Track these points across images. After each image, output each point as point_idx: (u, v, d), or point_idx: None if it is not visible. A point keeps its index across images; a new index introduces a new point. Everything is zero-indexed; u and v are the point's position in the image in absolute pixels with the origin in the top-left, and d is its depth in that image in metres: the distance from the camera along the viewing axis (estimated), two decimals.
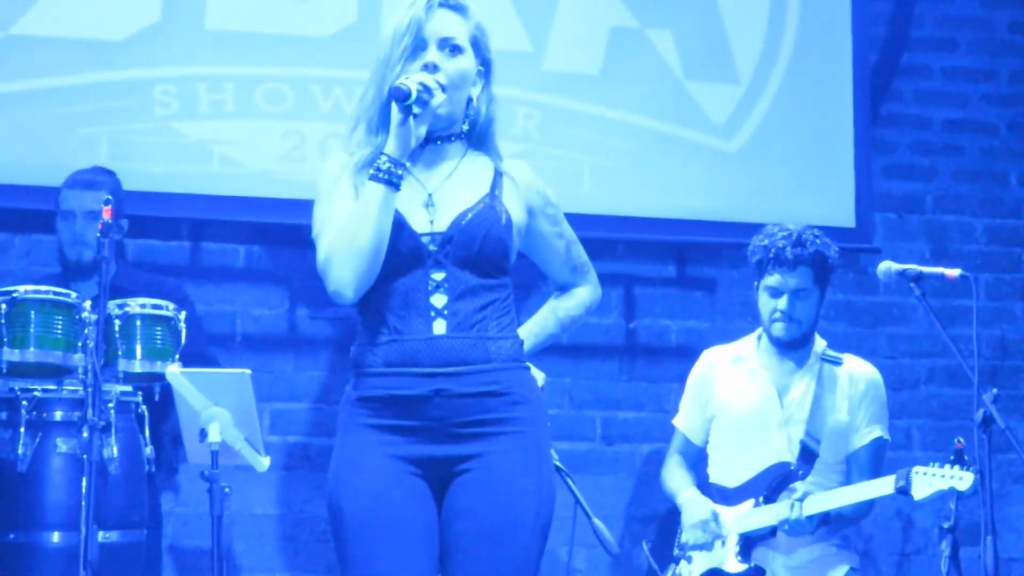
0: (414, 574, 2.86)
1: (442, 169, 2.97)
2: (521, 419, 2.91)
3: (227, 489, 3.78)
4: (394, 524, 2.86)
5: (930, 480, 4.02)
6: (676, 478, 4.40)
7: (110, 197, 3.97)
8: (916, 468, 4.04)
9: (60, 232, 4.49)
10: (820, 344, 4.40)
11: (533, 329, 3.09)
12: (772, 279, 4.28)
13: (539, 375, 2.99)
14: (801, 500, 4.05)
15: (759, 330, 4.44)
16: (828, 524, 4.18)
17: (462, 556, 2.87)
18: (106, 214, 3.99)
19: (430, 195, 2.94)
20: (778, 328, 4.29)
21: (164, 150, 5.02)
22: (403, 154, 2.78)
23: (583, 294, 3.17)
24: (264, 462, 3.78)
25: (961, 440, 4.28)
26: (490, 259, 2.90)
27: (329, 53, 5.03)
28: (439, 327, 2.87)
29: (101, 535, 3.82)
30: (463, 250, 2.89)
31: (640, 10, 5.41)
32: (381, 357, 2.89)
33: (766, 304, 4.31)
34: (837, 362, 4.38)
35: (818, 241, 4.28)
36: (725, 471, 4.33)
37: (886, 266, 4.25)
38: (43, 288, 4.04)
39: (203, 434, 3.77)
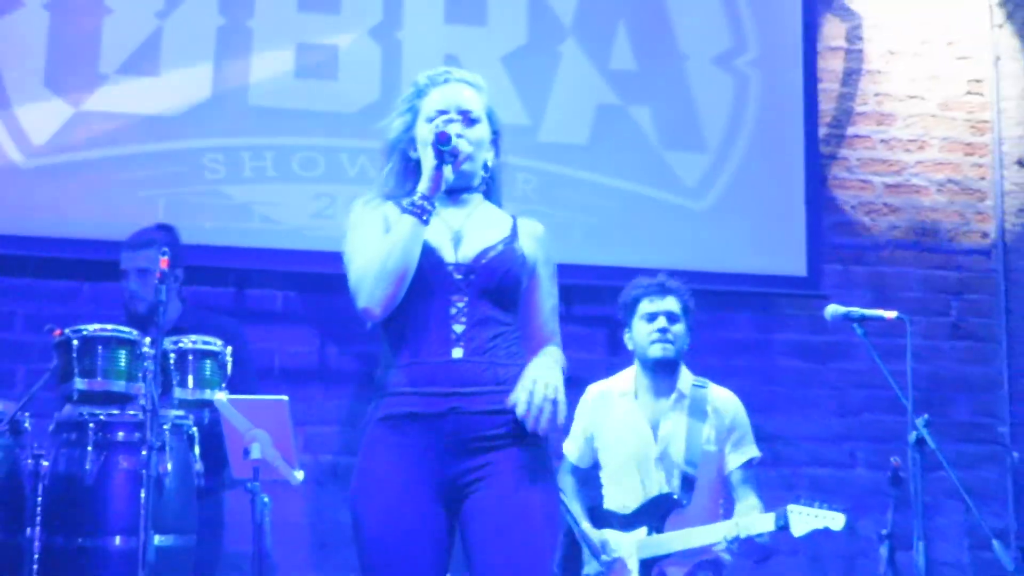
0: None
1: (464, 212, 2.99)
2: (525, 433, 2.92)
3: (266, 500, 3.81)
4: (407, 538, 2.85)
5: (806, 520, 3.99)
6: (574, 504, 4.36)
7: (166, 248, 4.01)
8: (791, 507, 4.01)
9: (122, 288, 4.52)
10: (688, 377, 4.36)
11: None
12: (646, 306, 4.28)
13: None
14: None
15: (634, 365, 4.38)
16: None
17: (484, 552, 2.88)
18: (163, 264, 4.05)
19: (457, 231, 2.96)
20: (656, 349, 4.23)
21: (213, 210, 5.05)
22: (433, 193, 2.77)
23: (557, 352, 3.04)
24: (298, 476, 3.78)
25: (897, 459, 4.31)
26: (506, 293, 2.93)
27: (355, 126, 5.01)
28: (457, 352, 2.88)
29: (157, 539, 3.85)
30: (485, 281, 2.91)
31: (622, 90, 5.45)
32: (405, 378, 2.90)
33: (643, 330, 4.28)
34: (703, 386, 4.36)
35: (679, 282, 4.33)
36: (616, 499, 4.28)
37: (833, 309, 4.29)
38: (108, 327, 4.06)
39: (246, 452, 3.78)
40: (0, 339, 4.95)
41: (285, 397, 3.88)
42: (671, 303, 4.27)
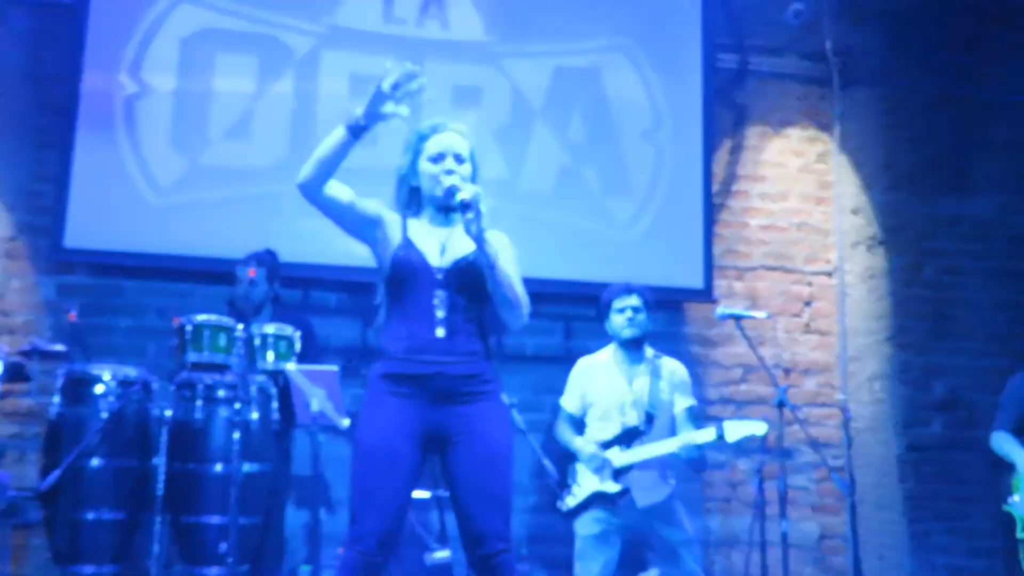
0: (394, 492, 2.88)
1: (449, 229, 3.02)
2: (489, 392, 2.96)
3: (322, 439, 3.83)
4: (390, 457, 2.88)
5: (738, 429, 4.13)
6: (567, 433, 4.43)
7: (255, 266, 4.07)
8: (725, 422, 4.18)
9: (234, 289, 4.51)
10: (650, 351, 4.46)
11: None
12: (617, 303, 4.41)
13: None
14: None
15: (612, 344, 4.47)
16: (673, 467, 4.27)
17: (464, 479, 2.90)
18: (251, 273, 4.07)
19: (443, 243, 2.99)
20: (628, 331, 4.39)
21: (288, 236, 4.98)
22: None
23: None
24: (344, 423, 3.83)
25: (765, 417, 4.33)
26: (474, 289, 2.95)
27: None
28: (440, 331, 2.91)
29: (245, 466, 3.87)
30: (458, 281, 2.94)
31: (575, 155, 5.50)
32: (402, 348, 2.92)
33: (617, 319, 4.41)
34: (659, 357, 4.46)
35: (638, 288, 4.46)
36: (599, 431, 4.35)
37: (721, 310, 4.40)
38: (212, 316, 4.13)
39: (308, 405, 3.80)
40: (136, 324, 4.96)
41: (336, 367, 3.92)
42: (635, 300, 4.41)
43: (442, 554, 4.35)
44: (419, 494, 4.29)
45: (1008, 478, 4.26)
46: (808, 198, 5.81)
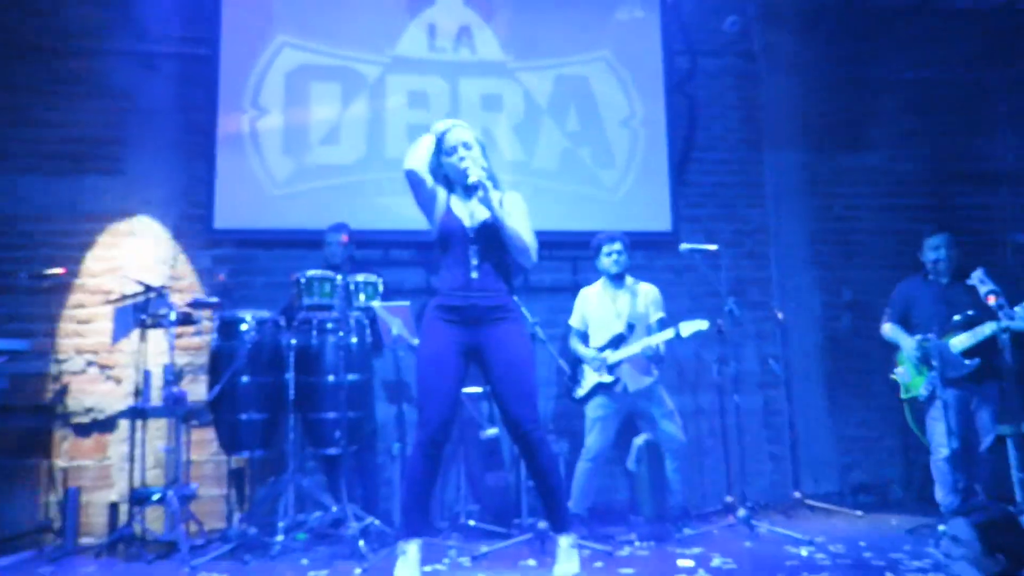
0: (448, 389, 2.96)
1: (474, 200, 3.04)
2: (511, 317, 3.00)
3: (401, 354, 3.88)
4: (442, 364, 2.96)
5: (688, 327, 4.13)
6: (576, 344, 4.42)
7: (347, 234, 4.10)
8: (680, 323, 4.16)
9: (325, 250, 4.55)
10: (630, 280, 4.43)
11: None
12: (607, 248, 4.38)
13: None
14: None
15: (602, 279, 4.45)
16: (651, 359, 4.26)
17: (505, 382, 2.95)
18: (344, 239, 4.09)
19: (471, 211, 3.03)
20: (613, 268, 4.38)
21: (370, 211, 5.05)
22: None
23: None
24: (415, 342, 3.87)
25: (721, 320, 4.32)
26: (496, 243, 2.98)
27: None
28: (474, 275, 2.95)
29: (349, 376, 3.92)
30: (485, 238, 2.97)
31: (573, 140, 5.44)
32: (448, 288, 2.97)
33: (606, 260, 4.39)
34: (637, 283, 4.44)
35: (615, 234, 4.42)
36: (597, 340, 4.36)
37: (684, 246, 4.35)
38: (319, 271, 4.16)
39: (390, 331, 3.84)
40: (268, 281, 5.02)
41: (408, 303, 3.96)
42: (618, 245, 4.39)
43: (491, 431, 4.42)
44: (473, 389, 4.36)
45: (895, 356, 4.25)
46: (746, 161, 5.72)
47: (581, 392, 4.30)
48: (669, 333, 4.15)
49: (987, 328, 3.87)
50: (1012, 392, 3.80)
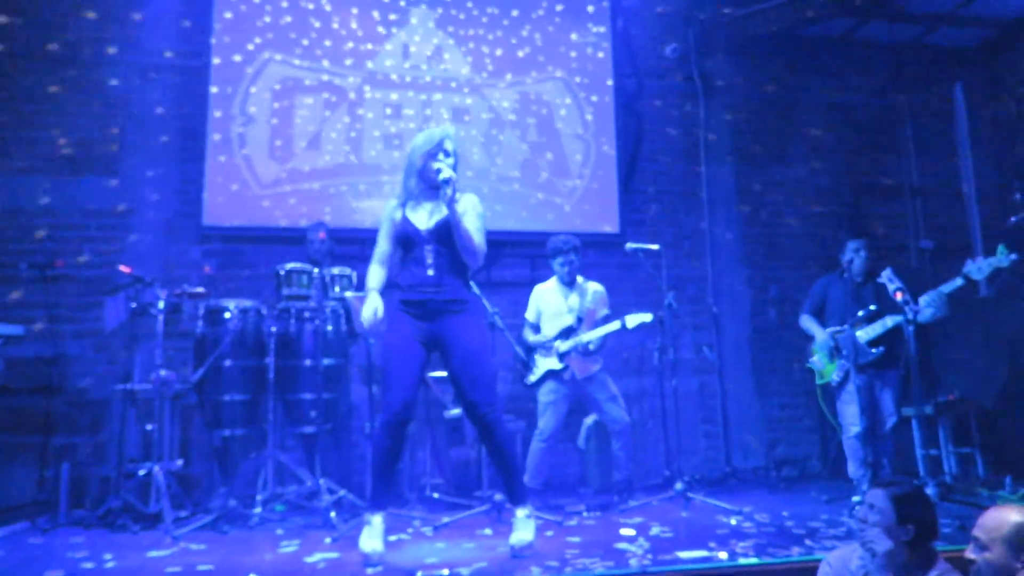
0: (410, 375, 2.83)
1: (435, 202, 2.91)
2: (470, 310, 2.88)
3: (372, 341, 3.73)
4: (405, 352, 2.83)
5: (633, 319, 4.00)
6: (529, 334, 4.23)
7: (324, 232, 3.93)
8: (626, 315, 4.00)
9: (307, 246, 4.37)
10: (580, 279, 4.24)
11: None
12: (560, 259, 4.16)
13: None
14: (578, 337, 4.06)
15: (555, 276, 4.25)
16: (596, 351, 4.11)
17: (463, 368, 2.83)
18: (322, 235, 3.92)
19: (431, 211, 2.90)
20: (566, 276, 4.17)
21: (344, 212, 4.87)
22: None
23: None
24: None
25: (662, 313, 4.23)
26: (452, 241, 2.85)
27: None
28: (430, 272, 2.82)
29: (324, 360, 3.77)
30: (438, 236, 2.85)
31: (533, 150, 5.32)
32: (407, 283, 2.84)
33: (559, 269, 4.17)
34: (586, 282, 4.25)
35: (575, 241, 4.20)
36: (549, 330, 4.17)
37: (630, 245, 4.24)
38: (298, 264, 4.00)
39: (358, 318, 3.69)
40: (252, 273, 4.83)
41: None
42: (572, 256, 4.17)
43: (455, 411, 4.30)
44: (439, 374, 4.22)
45: (810, 346, 4.19)
46: (685, 172, 5.65)
47: (533, 378, 4.17)
48: (616, 325, 4.03)
49: (890, 320, 3.84)
50: (916, 378, 3.76)
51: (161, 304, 3.80)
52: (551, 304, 4.24)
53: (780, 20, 5.53)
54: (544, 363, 4.12)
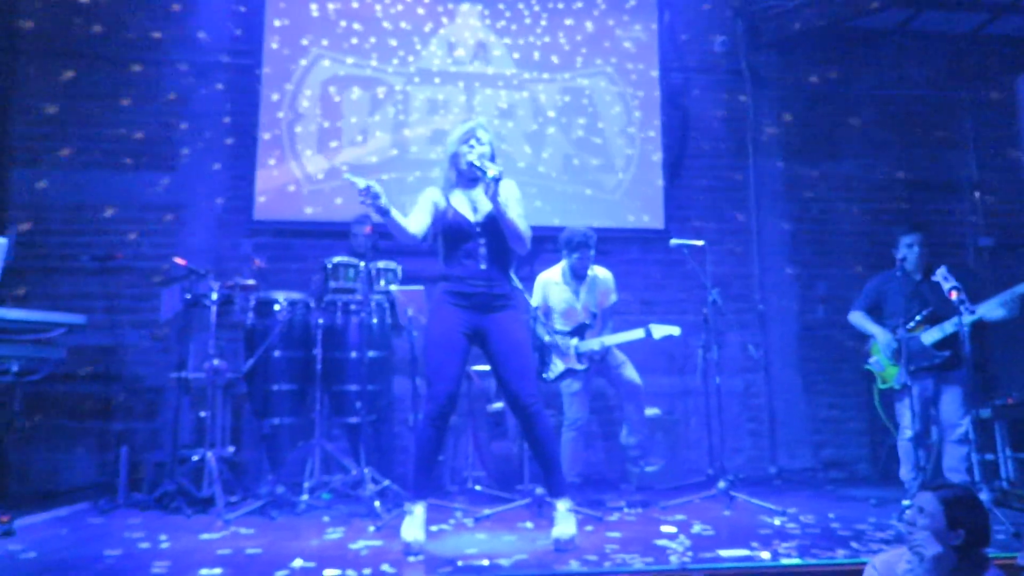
0: (454, 367, 2.84)
1: (476, 192, 2.93)
2: (514, 304, 2.89)
3: (415, 334, 3.77)
4: (450, 344, 2.85)
5: (660, 330, 3.91)
6: (541, 330, 4.10)
7: (372, 225, 3.98)
8: (651, 325, 3.91)
9: (351, 240, 4.44)
10: (591, 269, 4.17)
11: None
12: (576, 253, 4.09)
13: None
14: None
15: (564, 263, 4.17)
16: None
17: (507, 361, 2.84)
18: (367, 229, 3.98)
19: (474, 203, 2.91)
20: (580, 268, 4.12)
21: (396, 207, 4.92)
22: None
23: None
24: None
25: (706, 310, 4.18)
26: (500, 235, 2.87)
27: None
28: (483, 265, 2.84)
29: (370, 352, 3.83)
30: (489, 230, 2.85)
31: (577, 148, 5.30)
32: (457, 275, 2.86)
33: (577, 261, 4.10)
34: (593, 271, 4.17)
35: (594, 234, 4.12)
36: (559, 326, 4.13)
37: (674, 241, 4.18)
38: (344, 258, 4.08)
39: (406, 312, 3.75)
40: (301, 266, 4.94)
41: (422, 287, 3.85)
42: (590, 252, 4.12)
43: (498, 405, 4.33)
44: (482, 367, 4.24)
45: (866, 347, 4.08)
46: (732, 167, 5.57)
47: (551, 376, 4.11)
48: (640, 333, 3.94)
49: (954, 322, 3.70)
50: (972, 380, 3.64)
51: (214, 296, 3.91)
52: (561, 299, 4.18)
53: (830, 11, 5.39)
54: (562, 362, 4.09)
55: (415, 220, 2.91)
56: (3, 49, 4.72)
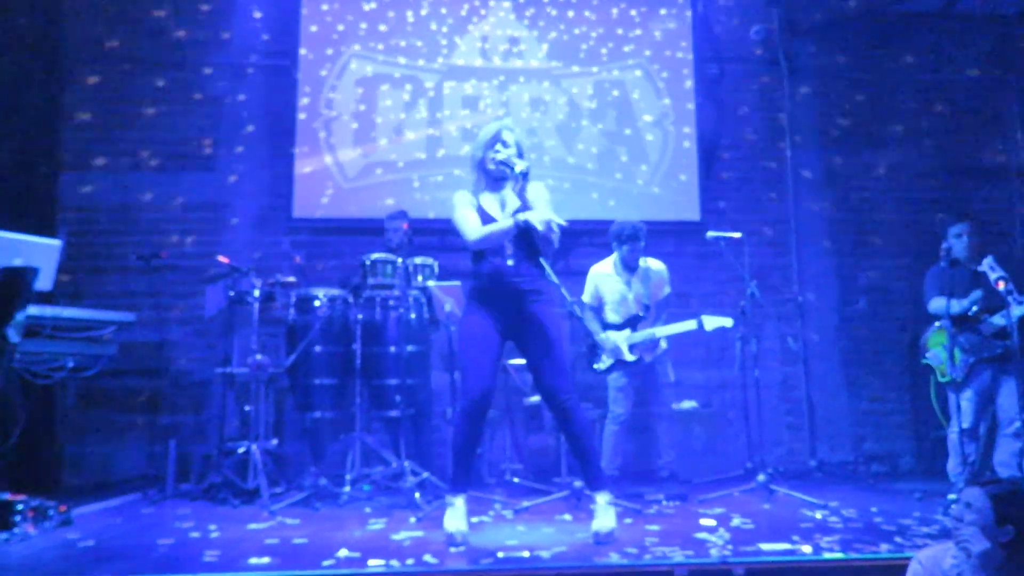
0: (488, 363, 2.88)
1: (504, 192, 2.95)
2: (547, 299, 2.91)
3: (452, 328, 3.80)
4: (483, 341, 2.88)
5: (712, 321, 3.90)
6: (593, 324, 4.18)
7: (407, 222, 4.03)
8: (703, 316, 3.90)
9: (386, 236, 4.49)
10: (643, 260, 4.18)
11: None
12: (628, 246, 4.11)
13: None
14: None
15: (615, 255, 4.20)
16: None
17: (543, 357, 2.86)
18: (404, 226, 4.03)
19: (502, 201, 2.93)
20: (632, 260, 4.14)
21: (430, 203, 4.97)
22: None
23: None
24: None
25: (743, 302, 4.15)
26: (528, 232, 2.88)
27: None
28: (510, 262, 2.85)
29: (408, 347, 3.88)
30: (517, 228, 2.87)
31: (610, 138, 5.28)
32: (486, 272, 2.88)
33: (629, 253, 4.12)
34: (645, 262, 4.17)
35: (640, 226, 4.12)
36: (611, 318, 4.15)
37: (711, 234, 4.16)
38: (382, 254, 4.11)
39: (443, 307, 3.78)
40: (339, 263, 5.01)
41: (459, 283, 3.88)
42: (641, 243, 4.13)
43: (534, 398, 4.35)
44: (518, 361, 4.27)
45: (921, 340, 3.96)
46: (769, 158, 5.50)
47: (602, 366, 4.14)
48: (692, 324, 3.94)
49: (1016, 311, 3.60)
50: (1022, 373, 3.56)
51: (256, 292, 4.00)
52: (613, 290, 4.19)
53: None
54: (609, 355, 4.10)
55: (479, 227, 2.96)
56: (49, 58, 4.87)
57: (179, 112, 5.10)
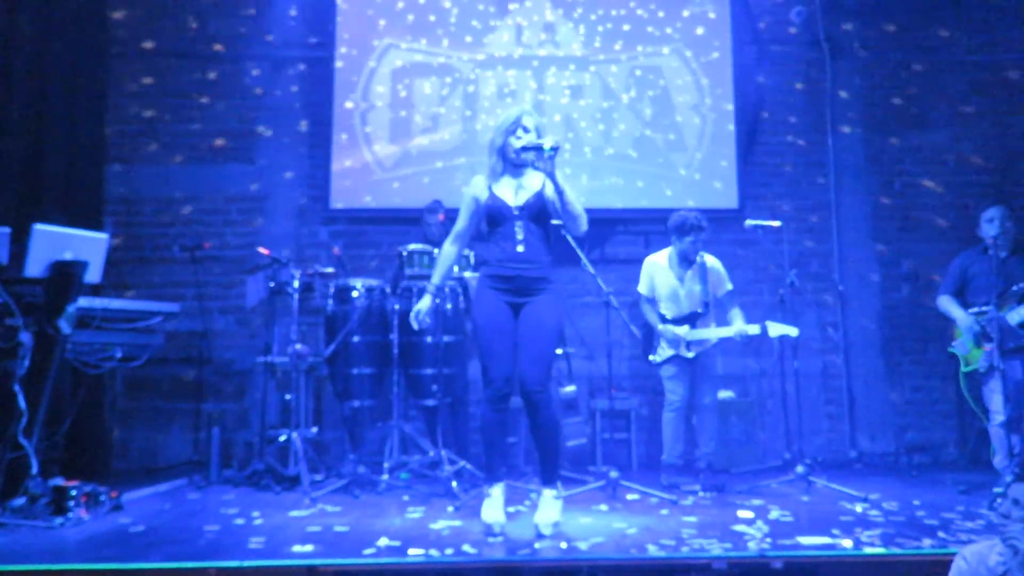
0: (507, 349, 2.88)
1: (521, 178, 2.95)
2: (550, 288, 2.91)
3: None
4: (499, 327, 2.89)
5: (776, 328, 3.76)
6: (652, 316, 4.14)
7: (444, 212, 4.04)
8: (768, 322, 3.78)
9: (423, 226, 4.51)
10: (702, 256, 4.10)
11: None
12: (691, 237, 4.02)
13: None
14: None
15: (671, 248, 4.12)
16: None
17: (526, 344, 2.87)
18: (440, 217, 4.04)
19: (517, 188, 2.93)
20: (691, 256, 4.06)
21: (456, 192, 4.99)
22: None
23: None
24: None
25: (783, 290, 4.09)
26: (539, 218, 2.88)
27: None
28: (520, 248, 2.85)
29: (445, 337, 3.90)
30: (528, 214, 2.87)
31: (648, 126, 5.23)
32: (496, 258, 2.89)
33: (690, 245, 4.02)
34: (702, 257, 4.08)
35: (702, 217, 4.03)
36: (668, 312, 4.10)
37: (749, 222, 4.10)
38: (419, 245, 4.13)
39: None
40: (376, 253, 5.07)
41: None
42: (704, 235, 4.05)
43: (570, 388, 4.34)
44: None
45: (951, 328, 3.91)
46: (810, 142, 5.39)
47: (658, 358, 4.10)
48: (755, 329, 3.82)
49: None
50: None
51: (296, 283, 4.06)
52: (666, 283, 4.13)
53: None
54: (668, 348, 4.06)
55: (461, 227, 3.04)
56: (96, 53, 4.98)
57: (219, 105, 5.18)
